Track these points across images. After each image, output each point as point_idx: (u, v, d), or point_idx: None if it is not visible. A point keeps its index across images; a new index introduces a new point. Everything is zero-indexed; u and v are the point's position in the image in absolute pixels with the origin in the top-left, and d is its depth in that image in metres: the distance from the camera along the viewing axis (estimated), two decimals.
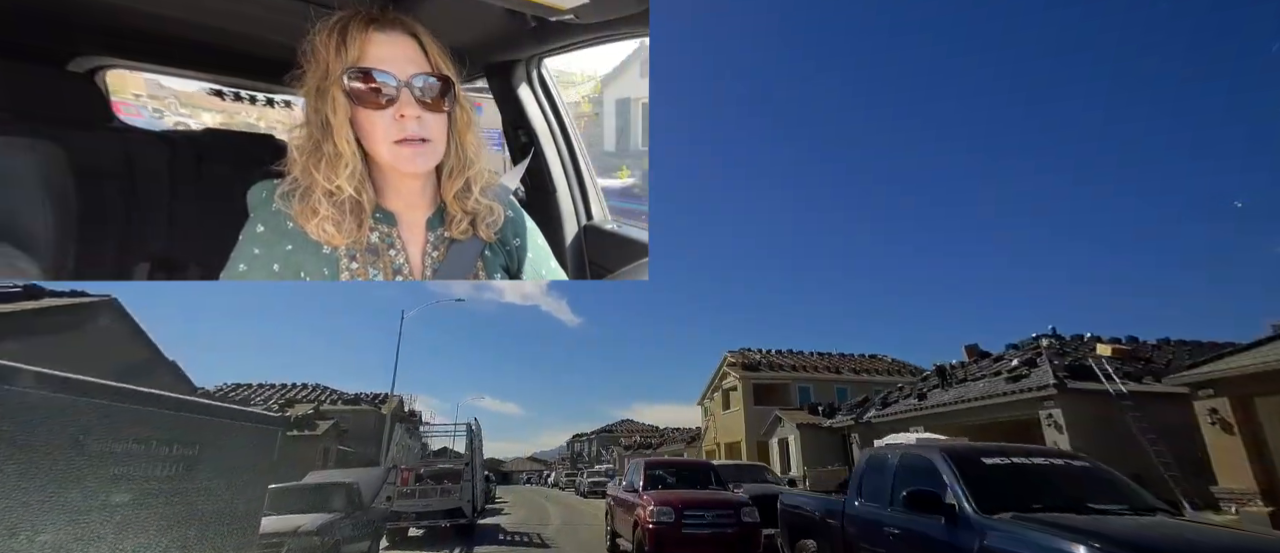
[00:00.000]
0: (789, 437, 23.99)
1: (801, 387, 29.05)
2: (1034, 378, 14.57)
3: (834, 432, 22.54)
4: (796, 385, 29.10)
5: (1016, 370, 15.56)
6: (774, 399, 27.99)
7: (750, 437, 27.38)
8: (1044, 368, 14.74)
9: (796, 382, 29.30)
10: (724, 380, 31.19)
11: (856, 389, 27.74)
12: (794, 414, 24.96)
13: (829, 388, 28.82)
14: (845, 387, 28.97)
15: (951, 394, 17.58)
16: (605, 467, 39.63)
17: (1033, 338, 18.94)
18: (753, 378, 28.97)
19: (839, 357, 33.14)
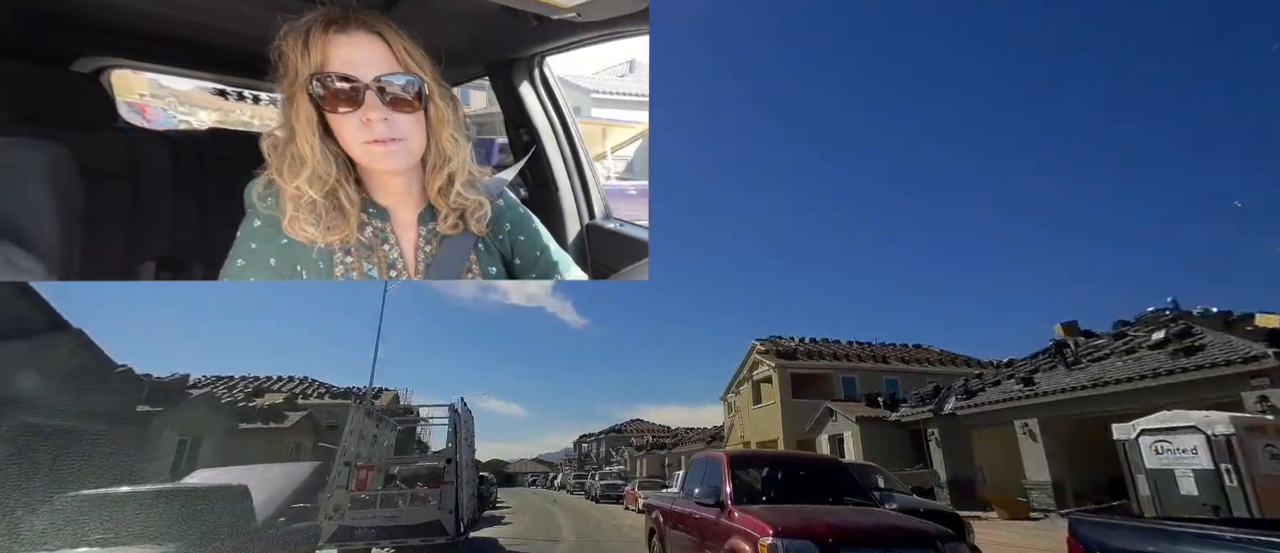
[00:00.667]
0: (845, 433, 21.07)
1: (845, 377, 25.87)
2: (1215, 352, 11.41)
3: (901, 426, 19.43)
4: (839, 376, 25.81)
5: (1187, 342, 12.32)
6: (812, 392, 25.00)
7: (790, 434, 24.23)
8: (1228, 341, 11.50)
9: (839, 371, 26.04)
10: (755, 371, 27.96)
11: (906, 381, 25.13)
12: (850, 406, 21.72)
13: (874, 379, 25.81)
14: (894, 378, 26.02)
15: (1085, 376, 13.96)
16: (618, 468, 36.88)
17: (1151, 311, 15.83)
18: (790, 367, 25.71)
19: (880, 346, 29.73)
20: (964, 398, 17.37)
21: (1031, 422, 15.10)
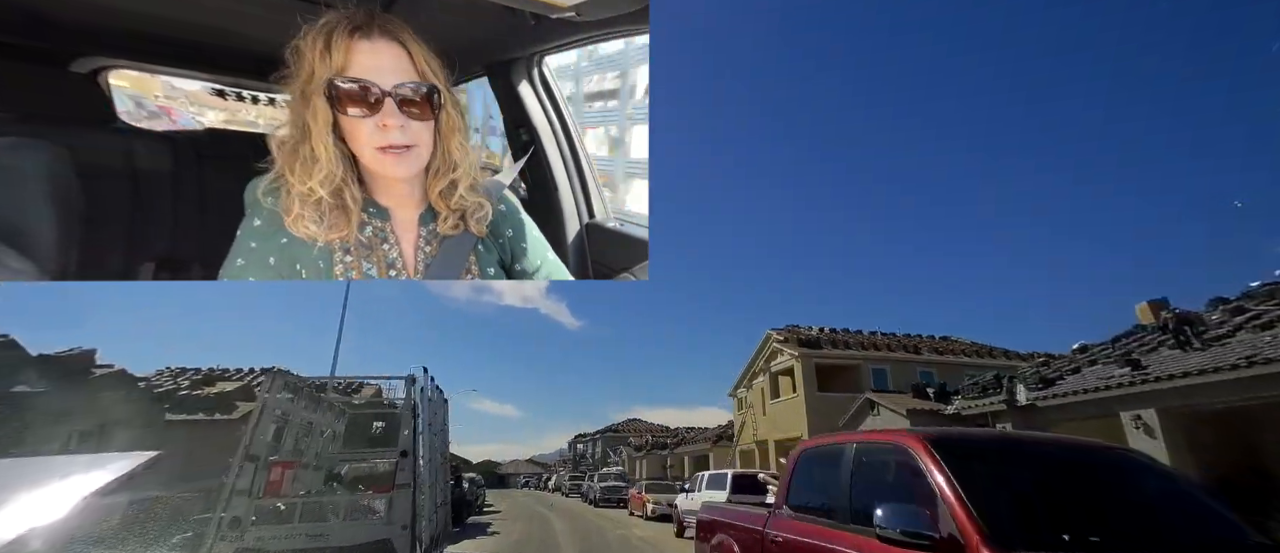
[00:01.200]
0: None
1: (876, 368, 23.50)
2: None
3: (961, 420, 16.81)
4: (869, 367, 23.41)
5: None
6: (838, 384, 22.67)
7: (815, 431, 20.38)
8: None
9: (869, 361, 23.62)
10: (773, 361, 25.06)
11: (940, 372, 22.93)
12: (896, 399, 18.95)
13: (907, 370, 23.28)
14: (929, 369, 23.56)
15: (1221, 356, 9.61)
16: (617, 469, 34.82)
17: (1259, 285, 12.20)
18: (815, 357, 22.98)
19: (907, 337, 27.18)
20: (1037, 387, 14.64)
21: (1148, 413, 11.24)
